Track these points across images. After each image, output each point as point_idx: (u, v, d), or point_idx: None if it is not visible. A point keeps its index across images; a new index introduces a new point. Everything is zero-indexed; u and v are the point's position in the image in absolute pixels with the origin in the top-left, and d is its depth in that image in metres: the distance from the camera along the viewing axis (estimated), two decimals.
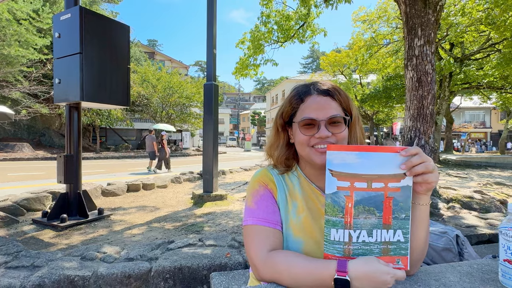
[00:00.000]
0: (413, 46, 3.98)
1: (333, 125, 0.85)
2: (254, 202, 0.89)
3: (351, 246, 0.77)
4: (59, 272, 1.77)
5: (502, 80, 12.56)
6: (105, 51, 3.42)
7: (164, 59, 39.80)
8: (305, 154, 0.88)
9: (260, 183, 0.91)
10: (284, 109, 0.93)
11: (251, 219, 0.86)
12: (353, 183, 0.75)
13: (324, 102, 0.85)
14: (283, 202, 0.90)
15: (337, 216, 0.76)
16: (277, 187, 0.90)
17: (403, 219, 0.78)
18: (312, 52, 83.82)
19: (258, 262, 0.80)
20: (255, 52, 8.29)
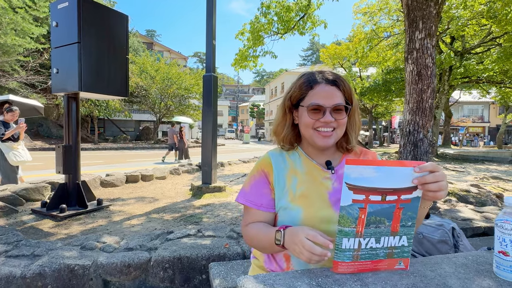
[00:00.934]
0: (414, 39, 3.95)
1: (336, 112, 0.97)
2: (249, 185, 1.04)
3: (360, 252, 0.83)
4: (59, 261, 1.79)
5: (501, 75, 12.53)
6: (103, 40, 3.39)
7: (163, 50, 39.41)
8: (308, 136, 0.99)
9: (258, 169, 1.04)
10: (293, 93, 1.02)
11: (241, 198, 1.04)
12: (368, 196, 0.79)
13: (331, 91, 0.97)
14: (281, 180, 1.02)
15: (349, 227, 0.80)
16: (273, 168, 1.02)
17: (409, 226, 0.83)
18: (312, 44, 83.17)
19: (242, 228, 1.06)
20: (255, 44, 8.21)
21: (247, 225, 1.03)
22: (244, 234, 1.05)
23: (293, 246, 0.84)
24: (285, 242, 0.87)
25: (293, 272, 0.87)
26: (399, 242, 0.84)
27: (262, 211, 1.02)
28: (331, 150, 1.06)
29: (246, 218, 1.05)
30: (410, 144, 4.16)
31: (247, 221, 1.04)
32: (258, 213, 1.02)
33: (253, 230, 0.99)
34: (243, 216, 1.08)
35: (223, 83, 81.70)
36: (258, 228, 0.99)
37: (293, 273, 0.87)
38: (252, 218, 1.03)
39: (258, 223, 1.02)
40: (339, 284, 0.80)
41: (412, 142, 4.14)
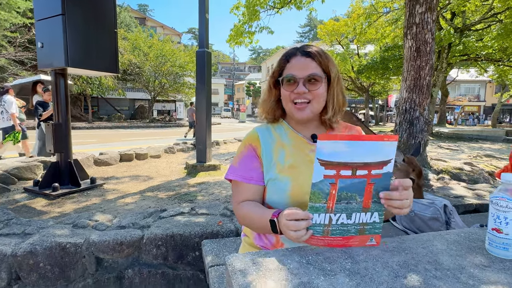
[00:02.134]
0: (414, 13, 3.82)
1: (310, 83, 0.97)
2: (238, 161, 1.04)
3: (330, 228, 0.83)
4: (51, 239, 1.78)
5: (500, 52, 12.36)
6: (89, 13, 3.22)
7: (156, 26, 38.16)
8: (288, 109, 1.02)
9: (246, 144, 1.05)
10: (275, 68, 1.05)
11: (231, 174, 1.04)
12: (339, 171, 0.78)
13: (305, 63, 0.97)
14: (268, 153, 1.02)
15: (320, 202, 0.80)
16: (261, 143, 1.03)
17: (380, 202, 0.82)
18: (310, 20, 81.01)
19: (234, 206, 1.05)
20: (250, 19, 7.92)
21: (239, 204, 1.02)
22: (236, 213, 1.04)
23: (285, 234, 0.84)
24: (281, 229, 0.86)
25: (283, 250, 0.86)
26: (370, 218, 0.83)
27: (253, 184, 1.01)
28: (314, 124, 1.07)
29: (237, 196, 1.04)
30: (406, 122, 4.14)
31: (238, 199, 1.03)
32: (248, 187, 1.01)
33: (245, 210, 0.99)
34: (233, 194, 1.06)
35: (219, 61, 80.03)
36: (250, 208, 0.99)
37: (283, 251, 0.85)
38: (243, 194, 1.02)
39: (249, 202, 1.01)
40: (329, 262, 0.79)
41: (408, 120, 4.11)
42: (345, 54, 19.16)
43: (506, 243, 0.84)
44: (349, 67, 19.28)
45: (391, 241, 0.94)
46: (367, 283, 0.70)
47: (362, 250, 0.86)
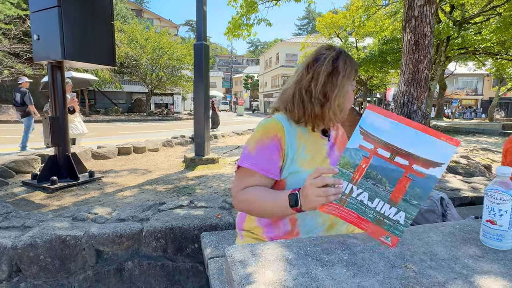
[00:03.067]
0: (413, 6, 3.80)
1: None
2: (255, 149, 0.99)
3: (348, 199, 0.80)
4: (51, 232, 1.79)
5: (498, 46, 12.34)
6: (86, 4, 3.18)
7: (153, 18, 37.65)
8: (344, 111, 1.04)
9: (269, 134, 1.00)
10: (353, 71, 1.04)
11: (247, 163, 0.99)
12: (377, 148, 0.75)
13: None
14: (293, 145, 1.01)
15: (348, 170, 0.78)
16: (285, 133, 1.00)
17: (413, 205, 0.77)
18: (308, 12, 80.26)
19: (236, 192, 1.00)
20: (248, 11, 7.85)
21: (243, 189, 0.98)
22: (239, 199, 0.98)
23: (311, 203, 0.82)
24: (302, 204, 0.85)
25: (282, 241, 0.87)
26: (394, 215, 0.78)
27: (267, 177, 0.99)
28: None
29: (242, 183, 1.00)
30: (403, 116, 4.14)
31: (242, 185, 0.99)
32: (260, 178, 0.99)
33: (253, 193, 0.96)
34: (238, 180, 1.01)
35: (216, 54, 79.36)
36: (259, 191, 0.96)
37: (281, 242, 0.86)
38: (250, 182, 0.99)
39: (256, 187, 0.98)
40: (327, 253, 0.80)
41: (405, 114, 4.12)
42: (343, 47, 19.05)
43: (500, 234, 0.86)
44: None
45: None
46: (364, 273, 0.71)
47: (360, 241, 0.88)
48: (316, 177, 0.80)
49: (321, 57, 1.03)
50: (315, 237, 0.91)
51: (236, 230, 1.24)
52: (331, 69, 1.00)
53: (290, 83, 1.08)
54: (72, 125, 4.78)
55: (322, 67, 1.00)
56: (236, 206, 1.02)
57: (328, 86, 1.00)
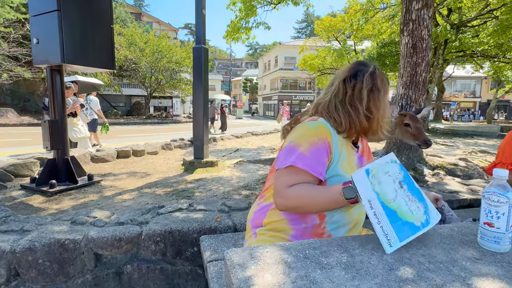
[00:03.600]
0: (411, 10, 3.83)
1: None
2: (309, 150, 1.03)
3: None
4: (49, 236, 1.78)
5: (496, 49, 12.41)
6: (85, 8, 3.19)
7: (152, 21, 37.77)
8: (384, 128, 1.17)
9: (320, 136, 1.05)
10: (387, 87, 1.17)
11: (300, 163, 1.01)
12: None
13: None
14: (337, 150, 1.08)
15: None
16: (333, 138, 1.08)
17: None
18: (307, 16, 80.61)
19: (282, 188, 1.01)
20: (247, 15, 7.89)
21: (291, 186, 1.01)
22: (287, 195, 1.00)
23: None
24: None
25: (281, 244, 0.87)
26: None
27: (316, 177, 1.03)
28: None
29: (290, 180, 1.02)
30: None
31: (290, 183, 1.01)
32: (309, 178, 1.03)
33: (303, 189, 1.00)
34: (283, 178, 1.02)
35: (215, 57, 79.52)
36: (308, 187, 1.01)
37: (281, 245, 0.87)
38: (298, 180, 1.02)
39: (303, 184, 1.01)
40: (326, 256, 0.81)
41: None
42: (342, 50, 19.12)
43: (497, 237, 0.86)
44: (346, 63, 19.22)
45: None
46: (363, 275, 0.72)
47: (358, 244, 0.89)
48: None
49: (359, 73, 1.12)
50: (314, 240, 0.91)
51: (248, 230, 1.24)
52: (371, 86, 1.11)
53: (327, 94, 1.17)
54: (75, 128, 4.80)
55: (363, 84, 1.10)
56: (282, 203, 1.03)
57: (371, 102, 1.11)
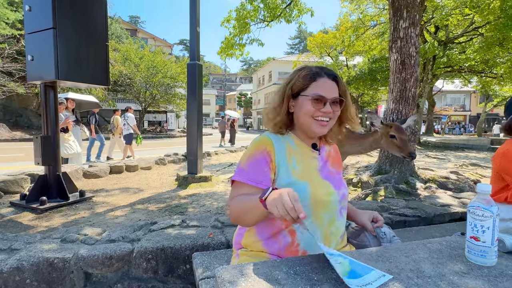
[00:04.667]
0: (398, 28, 3.97)
1: (334, 104, 1.08)
2: (247, 164, 1.07)
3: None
4: (38, 255, 1.75)
5: (482, 64, 12.82)
6: (81, 26, 3.24)
7: (147, 37, 38.28)
8: (307, 123, 1.09)
9: (260, 148, 1.07)
10: (295, 82, 1.11)
11: (239, 177, 1.06)
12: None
13: (332, 85, 1.09)
14: (283, 158, 1.08)
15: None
16: (275, 148, 1.07)
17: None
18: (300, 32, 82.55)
19: (228, 201, 1.07)
20: (241, 32, 8.07)
21: (233, 198, 1.04)
22: (230, 206, 1.04)
23: (272, 201, 0.84)
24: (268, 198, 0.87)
25: (272, 261, 0.88)
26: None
27: (259, 187, 1.03)
28: (315, 137, 1.19)
29: (233, 193, 1.07)
30: None
31: (233, 196, 1.06)
32: (252, 189, 1.03)
33: (240, 198, 1.03)
34: (232, 193, 1.07)
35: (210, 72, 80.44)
36: (245, 196, 1.02)
37: (271, 262, 0.87)
38: (242, 193, 1.04)
39: (243, 195, 1.03)
40: (316, 272, 0.81)
41: None
42: (334, 65, 19.54)
43: (484, 251, 0.88)
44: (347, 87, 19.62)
45: (376, 250, 0.98)
46: None
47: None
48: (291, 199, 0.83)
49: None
50: (305, 256, 0.92)
51: (233, 250, 1.24)
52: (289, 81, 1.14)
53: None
54: (66, 144, 4.76)
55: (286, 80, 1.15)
56: (229, 215, 1.09)
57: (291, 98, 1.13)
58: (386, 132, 2.34)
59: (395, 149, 2.30)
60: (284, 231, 1.05)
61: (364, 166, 5.06)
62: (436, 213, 2.58)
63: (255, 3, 7.70)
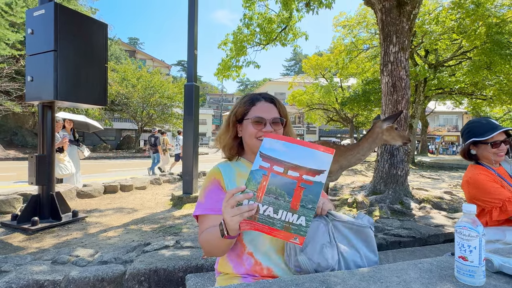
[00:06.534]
0: (389, 53, 4.13)
1: (274, 124, 1.15)
2: (204, 196, 1.13)
3: (258, 215, 0.88)
4: (28, 277, 1.71)
5: (472, 86, 13.20)
6: (81, 49, 3.33)
7: (146, 58, 39.00)
8: (252, 144, 1.15)
9: (210, 179, 1.15)
10: (238, 109, 1.20)
11: (198, 210, 1.10)
12: (273, 166, 0.88)
13: (269, 107, 1.17)
14: (231, 183, 1.13)
15: (252, 190, 0.87)
16: (223, 176, 1.14)
17: (309, 208, 0.88)
18: (295, 54, 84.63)
19: (199, 237, 1.09)
20: (238, 54, 8.30)
21: (200, 234, 1.07)
22: (200, 241, 1.07)
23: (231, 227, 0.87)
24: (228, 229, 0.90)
25: (263, 282, 0.88)
26: (297, 220, 0.88)
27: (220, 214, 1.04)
28: None
29: (201, 228, 1.09)
30: (386, 153, 4.30)
31: (201, 231, 1.08)
32: (216, 218, 1.05)
33: (204, 236, 1.05)
34: (200, 228, 1.10)
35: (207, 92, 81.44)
36: (209, 229, 1.04)
37: (263, 283, 0.88)
38: (209, 225, 1.06)
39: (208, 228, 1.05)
40: None
41: (388, 151, 4.27)
42: (329, 86, 19.96)
43: (472, 270, 0.89)
44: (333, 99, 20.02)
45: (367, 270, 0.99)
46: None
47: (340, 280, 0.90)
48: (228, 199, 0.87)
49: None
50: (297, 277, 0.92)
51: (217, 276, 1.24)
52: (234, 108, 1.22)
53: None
54: (61, 164, 4.72)
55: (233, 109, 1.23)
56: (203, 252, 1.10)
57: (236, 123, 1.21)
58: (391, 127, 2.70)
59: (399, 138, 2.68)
60: (245, 254, 1.08)
61: (359, 186, 5.08)
62: (430, 233, 2.59)
63: (252, 27, 7.97)
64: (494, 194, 1.66)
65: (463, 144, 1.88)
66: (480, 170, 1.77)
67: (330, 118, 25.27)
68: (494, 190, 1.67)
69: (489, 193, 1.68)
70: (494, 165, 1.80)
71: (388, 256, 2.17)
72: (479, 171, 1.77)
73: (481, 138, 1.75)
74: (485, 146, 1.77)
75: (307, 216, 0.88)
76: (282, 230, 0.89)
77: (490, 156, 1.76)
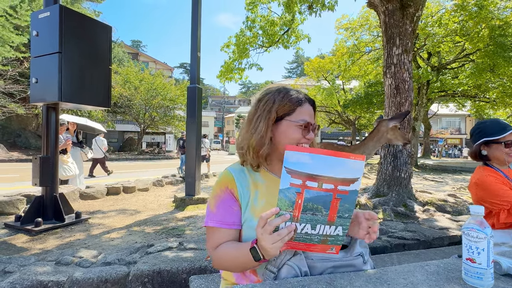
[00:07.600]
0: (392, 55, 4.12)
1: (314, 131, 1.05)
2: (215, 205, 1.01)
3: (295, 235, 0.84)
4: (32, 278, 1.71)
5: (475, 89, 13.15)
6: (85, 51, 3.35)
7: (148, 61, 39.19)
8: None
9: (221, 187, 1.02)
10: (282, 105, 1.01)
11: (211, 221, 1.00)
12: (305, 181, 0.82)
13: (313, 112, 1.06)
14: (245, 194, 1.01)
15: (287, 210, 0.82)
16: (237, 184, 1.01)
17: (346, 218, 0.85)
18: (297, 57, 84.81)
19: (210, 251, 1.01)
20: (240, 56, 8.31)
21: (216, 248, 0.98)
22: (214, 258, 0.98)
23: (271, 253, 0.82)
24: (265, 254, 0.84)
25: (269, 283, 0.88)
26: (334, 231, 0.86)
27: (234, 229, 0.99)
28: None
29: (214, 241, 1.00)
30: (390, 155, 4.28)
31: (215, 243, 0.99)
32: (228, 232, 0.99)
33: (222, 251, 0.96)
34: (209, 239, 1.01)
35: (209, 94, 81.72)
36: (227, 247, 0.96)
37: (269, 284, 0.87)
38: (221, 239, 0.99)
39: (227, 243, 0.98)
40: None
41: (392, 153, 4.26)
42: (331, 89, 19.96)
43: (480, 272, 0.88)
44: (336, 101, 20.02)
45: (373, 272, 0.98)
46: None
47: (347, 282, 0.90)
48: (264, 225, 0.80)
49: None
50: (303, 278, 0.92)
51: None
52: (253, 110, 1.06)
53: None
54: (65, 166, 4.74)
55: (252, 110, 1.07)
56: (214, 266, 1.00)
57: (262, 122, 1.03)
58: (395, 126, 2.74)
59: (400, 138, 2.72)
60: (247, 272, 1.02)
61: (362, 188, 5.06)
62: (435, 236, 2.57)
63: (254, 30, 7.99)
64: (502, 196, 1.65)
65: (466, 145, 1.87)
66: (488, 172, 1.76)
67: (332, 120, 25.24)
68: (502, 192, 1.65)
69: (497, 195, 1.66)
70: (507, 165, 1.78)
71: (392, 258, 2.16)
72: (487, 173, 1.75)
73: (494, 137, 1.73)
74: (497, 146, 1.74)
75: (344, 225, 0.86)
76: (320, 244, 0.86)
77: (502, 156, 1.73)
